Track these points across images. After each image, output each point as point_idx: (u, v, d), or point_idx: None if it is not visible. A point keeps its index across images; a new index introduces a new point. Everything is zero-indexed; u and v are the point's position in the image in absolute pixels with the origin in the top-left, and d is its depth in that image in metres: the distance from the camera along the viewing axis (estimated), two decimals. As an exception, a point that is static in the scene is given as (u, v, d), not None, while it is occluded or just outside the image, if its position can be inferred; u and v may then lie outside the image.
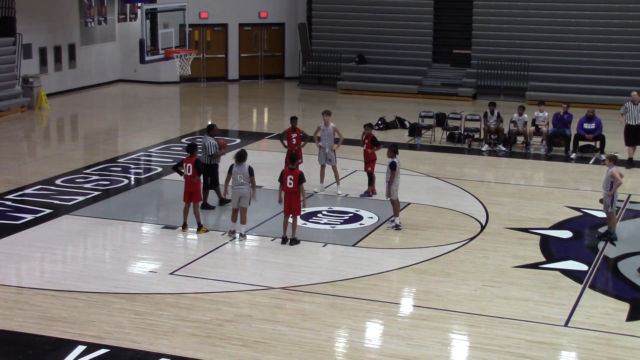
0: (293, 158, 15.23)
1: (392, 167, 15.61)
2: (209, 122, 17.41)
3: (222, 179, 16.53)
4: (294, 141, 18.32)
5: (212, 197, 17.09)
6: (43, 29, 30.41)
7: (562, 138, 22.53)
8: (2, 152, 22.19)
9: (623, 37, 30.94)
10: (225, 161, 16.89)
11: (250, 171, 15.08)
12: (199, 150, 16.46)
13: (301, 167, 15.31)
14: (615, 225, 15.42)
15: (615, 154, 15.99)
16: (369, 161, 18.03)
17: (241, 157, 15.22)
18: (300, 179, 14.77)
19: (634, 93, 21.44)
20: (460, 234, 15.59)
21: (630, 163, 21.02)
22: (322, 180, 18.35)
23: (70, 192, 18.19)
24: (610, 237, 15.23)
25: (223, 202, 16.89)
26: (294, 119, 18.63)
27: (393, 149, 15.87)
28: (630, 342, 11.26)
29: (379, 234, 15.68)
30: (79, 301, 12.28)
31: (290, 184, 14.77)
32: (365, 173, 18.20)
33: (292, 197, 14.81)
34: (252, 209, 15.64)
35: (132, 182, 19.45)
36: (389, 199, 15.90)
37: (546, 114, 22.92)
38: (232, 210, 15.27)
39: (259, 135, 24.63)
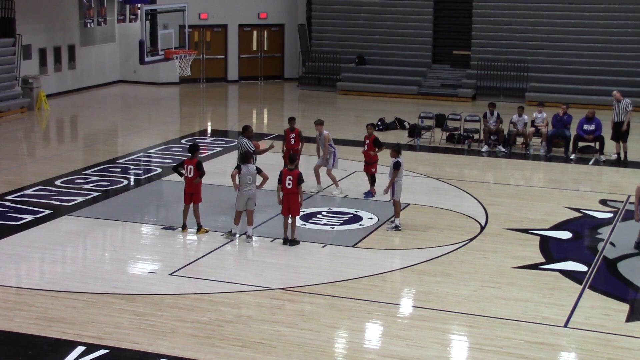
0: (292, 158, 15.22)
1: (396, 166, 15.60)
2: (245, 124, 17.23)
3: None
4: (292, 141, 18.34)
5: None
6: (43, 30, 30.42)
7: (561, 139, 22.54)
8: (1, 153, 22.18)
9: (622, 38, 30.96)
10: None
11: (258, 170, 15.10)
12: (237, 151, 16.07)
13: (301, 169, 15.30)
14: None
15: None
16: (372, 162, 17.98)
17: (246, 158, 15.20)
18: (299, 179, 14.77)
19: (615, 92, 22.12)
20: (460, 235, 15.60)
21: (622, 158, 21.71)
22: (318, 181, 18.34)
23: (70, 192, 18.19)
24: None
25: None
26: (291, 120, 18.64)
27: (396, 149, 15.85)
28: (630, 342, 11.27)
29: (379, 234, 15.68)
30: (79, 302, 12.28)
31: (289, 184, 14.77)
32: (366, 174, 18.19)
33: (291, 198, 14.80)
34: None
35: (132, 183, 19.46)
36: (391, 199, 15.89)
37: (545, 114, 22.94)
38: (236, 212, 15.22)
39: (258, 136, 24.61)
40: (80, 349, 10.73)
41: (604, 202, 17.88)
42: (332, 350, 11.02)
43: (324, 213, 16.92)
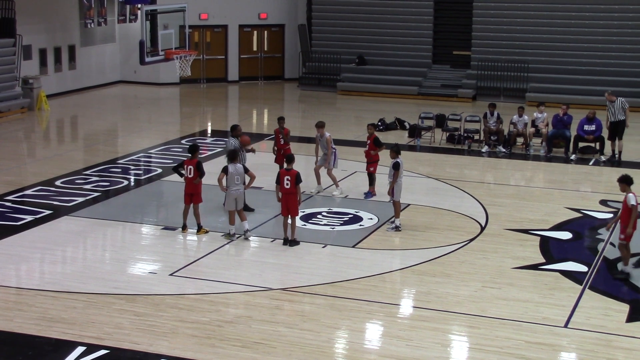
0: (290, 158, 15.21)
1: (396, 167, 15.60)
2: (233, 124, 17.40)
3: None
4: (282, 141, 18.40)
5: (250, 199, 16.77)
6: (43, 30, 30.42)
7: (561, 139, 22.53)
8: (2, 153, 22.19)
9: (622, 39, 30.95)
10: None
11: (245, 169, 15.08)
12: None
13: (300, 169, 15.29)
14: None
15: None
16: (372, 162, 18.00)
17: (234, 157, 15.18)
18: (297, 179, 14.75)
19: (606, 94, 22.28)
20: (460, 235, 15.59)
21: (616, 157, 21.81)
22: (319, 182, 18.33)
23: (70, 193, 18.19)
24: None
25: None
26: (281, 119, 18.69)
27: (395, 149, 15.85)
28: (630, 343, 11.27)
29: (379, 235, 15.67)
30: (79, 302, 12.28)
31: (287, 184, 14.75)
32: (367, 173, 18.20)
33: (290, 198, 14.78)
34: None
35: (132, 183, 19.46)
36: (391, 200, 15.88)
37: (545, 114, 22.94)
38: (229, 213, 15.22)
39: (258, 137, 24.63)
40: (80, 349, 10.73)
41: (604, 202, 17.88)
42: (332, 351, 11.02)
43: (324, 213, 16.92)
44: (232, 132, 17.02)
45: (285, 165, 15.36)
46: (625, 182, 13.73)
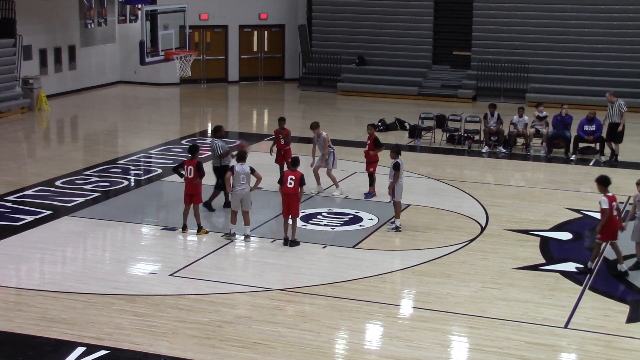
0: (294, 162, 15.18)
1: (396, 167, 15.60)
2: (216, 125, 17.47)
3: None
4: (282, 142, 18.41)
5: (219, 200, 17.01)
6: (43, 30, 30.43)
7: (562, 140, 22.53)
8: (2, 154, 22.18)
9: (622, 39, 30.96)
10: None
11: (252, 170, 15.09)
12: (210, 153, 16.41)
13: (300, 170, 15.28)
14: None
15: None
16: (371, 162, 18.01)
17: (242, 157, 15.20)
18: (301, 180, 14.75)
19: (607, 94, 22.31)
20: (460, 236, 15.59)
21: (613, 158, 21.88)
22: (318, 182, 18.32)
23: (70, 193, 18.19)
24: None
25: (229, 204, 16.68)
26: (281, 120, 18.70)
27: (396, 149, 15.84)
28: (630, 343, 11.27)
29: (379, 235, 15.67)
30: (79, 302, 12.28)
31: (290, 184, 14.74)
32: (367, 174, 18.20)
33: (292, 199, 14.78)
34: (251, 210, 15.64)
35: (132, 184, 19.46)
36: (391, 200, 15.88)
37: (545, 113, 22.95)
38: (232, 212, 15.24)
39: (258, 137, 24.64)
40: (80, 350, 10.73)
41: (604, 203, 17.86)
42: (332, 351, 11.03)
43: (325, 214, 16.92)
44: (216, 134, 17.10)
45: (290, 167, 15.33)
46: (602, 184, 13.78)
